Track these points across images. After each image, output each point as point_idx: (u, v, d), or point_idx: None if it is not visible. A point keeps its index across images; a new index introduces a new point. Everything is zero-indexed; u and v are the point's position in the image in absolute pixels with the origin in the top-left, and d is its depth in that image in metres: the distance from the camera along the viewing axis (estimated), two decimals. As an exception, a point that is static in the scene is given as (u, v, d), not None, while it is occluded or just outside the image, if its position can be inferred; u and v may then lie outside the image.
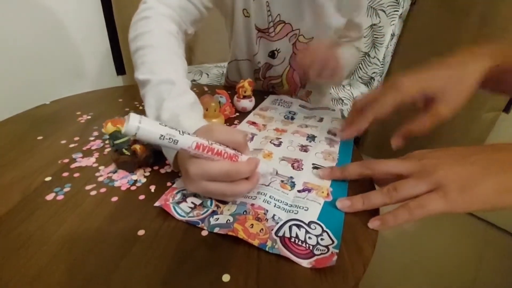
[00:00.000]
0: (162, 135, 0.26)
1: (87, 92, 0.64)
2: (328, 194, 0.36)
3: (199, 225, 0.30)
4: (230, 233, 0.29)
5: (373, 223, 0.31)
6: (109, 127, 0.37)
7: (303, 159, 0.43)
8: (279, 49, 0.65)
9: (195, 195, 0.34)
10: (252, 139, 0.48)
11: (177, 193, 0.34)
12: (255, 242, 0.29)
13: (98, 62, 1.16)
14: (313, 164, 0.42)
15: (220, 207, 0.33)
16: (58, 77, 1.04)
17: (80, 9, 1.03)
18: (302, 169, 0.41)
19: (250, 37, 0.63)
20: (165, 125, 0.26)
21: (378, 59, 1.25)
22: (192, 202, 0.33)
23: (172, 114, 0.35)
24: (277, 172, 0.39)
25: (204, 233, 0.30)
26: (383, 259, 0.87)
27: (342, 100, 1.15)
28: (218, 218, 0.31)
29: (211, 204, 0.33)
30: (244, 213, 0.32)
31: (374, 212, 0.34)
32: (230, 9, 0.60)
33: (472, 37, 1.06)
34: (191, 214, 0.31)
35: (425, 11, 1.20)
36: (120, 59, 1.17)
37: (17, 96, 0.94)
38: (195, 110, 0.38)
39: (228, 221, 0.31)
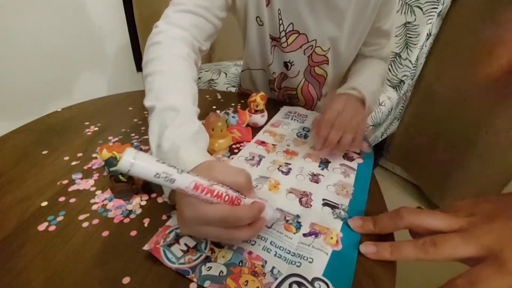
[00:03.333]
0: (157, 173, 0.23)
1: (100, 98, 0.63)
2: (337, 241, 0.32)
3: (189, 276, 0.28)
4: None
5: None
6: (104, 154, 0.35)
7: (313, 192, 0.39)
8: (292, 62, 0.60)
9: (190, 235, 0.31)
10: (259, 163, 0.45)
11: (170, 232, 0.31)
12: None
13: (119, 59, 1.16)
14: (323, 200, 0.38)
15: (214, 252, 0.30)
16: (81, 73, 1.06)
17: (102, 8, 1.03)
18: (311, 205, 0.37)
19: (264, 47, 0.59)
20: (163, 162, 0.24)
21: (410, 61, 1.14)
22: (185, 244, 0.30)
23: (172, 144, 0.33)
24: (285, 217, 0.35)
25: (193, 286, 0.27)
26: None
27: (367, 106, 1.07)
28: (211, 268, 0.28)
29: (205, 248, 0.30)
30: (240, 264, 0.29)
31: (390, 267, 0.30)
32: (243, 17, 0.56)
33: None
34: (182, 261, 0.29)
35: (468, 8, 1.07)
36: (140, 56, 1.16)
37: (42, 91, 0.97)
38: (198, 140, 0.35)
39: (221, 273, 0.28)
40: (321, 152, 0.46)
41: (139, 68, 1.20)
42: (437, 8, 1.05)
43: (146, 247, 0.29)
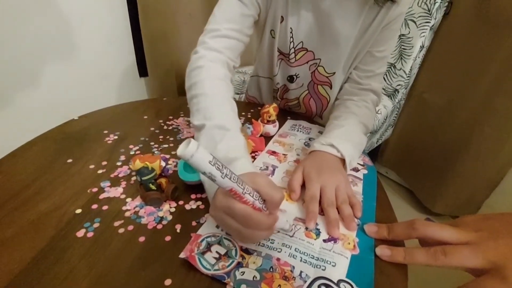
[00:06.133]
0: (205, 172, 0.26)
1: (114, 106, 0.65)
2: (354, 246, 0.35)
3: (225, 280, 0.30)
4: None
5: None
6: (137, 164, 0.37)
7: None
8: (298, 74, 0.65)
9: (219, 243, 0.34)
10: (273, 172, 0.48)
11: (201, 241, 0.34)
12: None
13: (122, 63, 1.17)
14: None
15: (245, 258, 0.33)
16: (83, 78, 1.06)
17: (106, 13, 1.04)
18: None
19: (272, 58, 0.63)
20: (215, 162, 0.26)
21: (404, 71, 1.20)
22: (216, 252, 0.33)
23: (225, 156, 0.37)
24: (292, 230, 0.37)
25: (229, 286, 0.30)
26: None
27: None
28: (244, 272, 0.31)
29: (235, 255, 0.33)
30: (271, 269, 0.32)
31: (402, 267, 0.33)
32: (261, 28, 0.61)
33: (509, 54, 1.00)
34: (216, 267, 0.31)
35: (459, 23, 1.14)
36: (143, 62, 1.18)
37: (49, 96, 0.98)
38: (246, 152, 0.40)
39: (254, 278, 0.30)
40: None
41: (141, 73, 1.22)
42: (429, 22, 1.11)
43: (182, 255, 0.32)
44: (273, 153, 0.53)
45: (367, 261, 0.33)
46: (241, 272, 0.31)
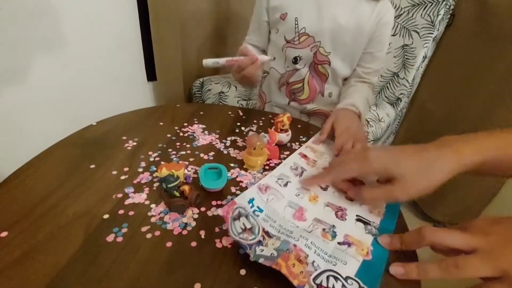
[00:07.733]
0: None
1: (129, 112, 0.67)
2: (368, 253, 0.37)
3: (247, 251, 0.33)
4: (274, 267, 0.31)
5: None
6: (164, 172, 0.39)
7: (348, 208, 0.44)
8: (301, 56, 0.77)
9: (246, 217, 0.37)
10: (301, 174, 0.50)
11: (236, 208, 0.37)
12: (295, 282, 0.31)
13: (130, 67, 1.19)
14: (357, 215, 0.43)
15: (265, 239, 0.35)
16: (92, 81, 1.08)
17: (117, 16, 1.06)
18: (345, 219, 0.42)
19: (279, 47, 0.78)
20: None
21: (407, 80, 1.23)
22: (243, 223, 0.36)
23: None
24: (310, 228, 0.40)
25: (256, 291, 0.31)
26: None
27: (368, 122, 1.14)
28: (263, 250, 0.34)
29: (258, 232, 0.36)
30: (287, 251, 0.34)
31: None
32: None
33: (509, 67, 1.03)
34: (241, 236, 0.34)
35: (461, 35, 1.17)
36: (152, 66, 1.19)
37: (58, 99, 0.99)
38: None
39: (272, 255, 0.33)
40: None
41: (149, 77, 1.23)
42: (432, 33, 1.14)
43: (220, 213, 0.36)
44: (304, 156, 0.55)
45: (377, 266, 0.35)
46: (261, 249, 0.34)
